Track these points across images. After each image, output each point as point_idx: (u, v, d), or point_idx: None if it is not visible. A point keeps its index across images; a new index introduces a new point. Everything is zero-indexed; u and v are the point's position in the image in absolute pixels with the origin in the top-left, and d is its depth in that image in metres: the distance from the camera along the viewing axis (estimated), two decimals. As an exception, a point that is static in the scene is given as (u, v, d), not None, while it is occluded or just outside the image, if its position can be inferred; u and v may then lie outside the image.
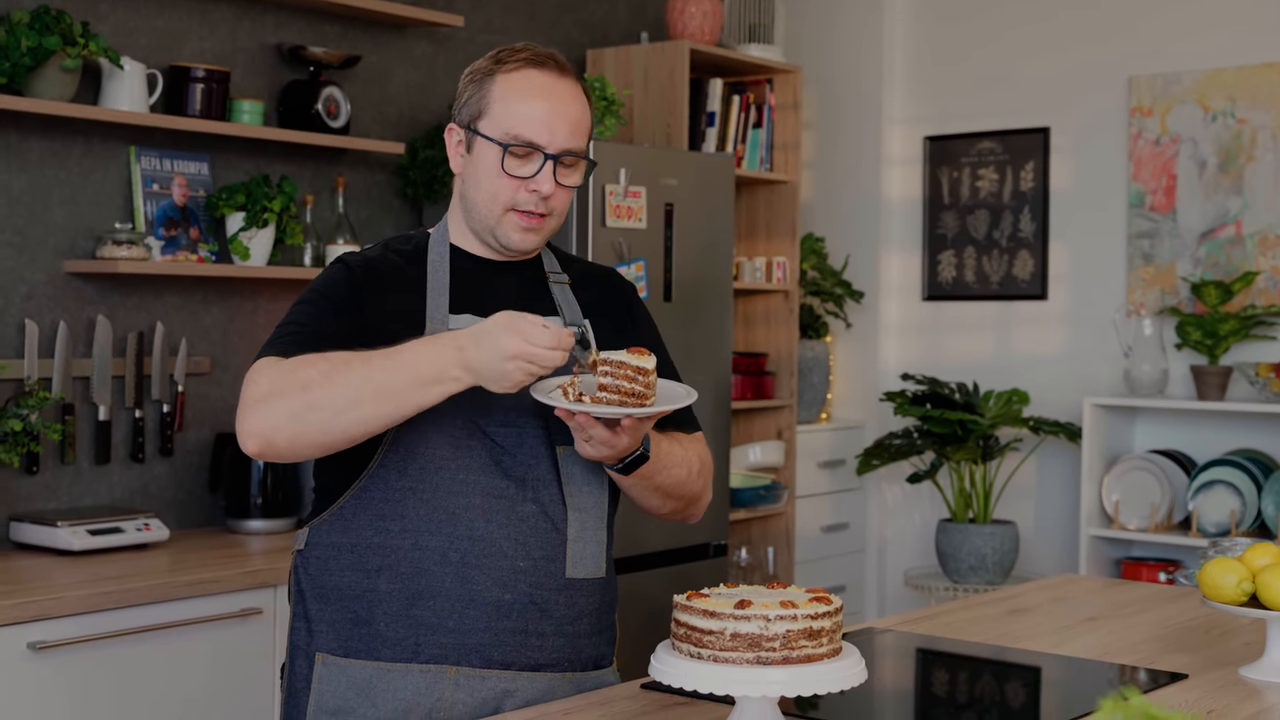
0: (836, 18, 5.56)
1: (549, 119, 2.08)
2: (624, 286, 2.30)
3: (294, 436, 1.92)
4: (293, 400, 1.91)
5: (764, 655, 1.72)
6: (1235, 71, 4.77)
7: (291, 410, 1.90)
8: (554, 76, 2.12)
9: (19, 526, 3.45)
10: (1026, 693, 2.33)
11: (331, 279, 2.11)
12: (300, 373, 1.92)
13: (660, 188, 4.31)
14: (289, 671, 2.13)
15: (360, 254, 2.16)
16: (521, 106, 2.08)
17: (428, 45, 4.49)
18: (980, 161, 5.32)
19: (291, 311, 2.08)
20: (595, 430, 1.96)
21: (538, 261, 2.22)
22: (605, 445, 1.97)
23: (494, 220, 2.11)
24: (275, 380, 1.93)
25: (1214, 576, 2.26)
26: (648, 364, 1.93)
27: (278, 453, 1.94)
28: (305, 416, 1.90)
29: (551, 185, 2.09)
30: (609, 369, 1.93)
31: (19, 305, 3.55)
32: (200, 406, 3.90)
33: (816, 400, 5.36)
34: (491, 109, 2.10)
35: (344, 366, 1.91)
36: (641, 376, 1.92)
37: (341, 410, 1.90)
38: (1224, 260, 4.80)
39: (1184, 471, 4.74)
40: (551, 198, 2.10)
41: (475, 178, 2.12)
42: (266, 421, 1.92)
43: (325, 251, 4.06)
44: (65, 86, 3.49)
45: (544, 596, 2.06)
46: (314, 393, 1.90)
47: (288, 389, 1.91)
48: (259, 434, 1.92)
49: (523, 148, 2.08)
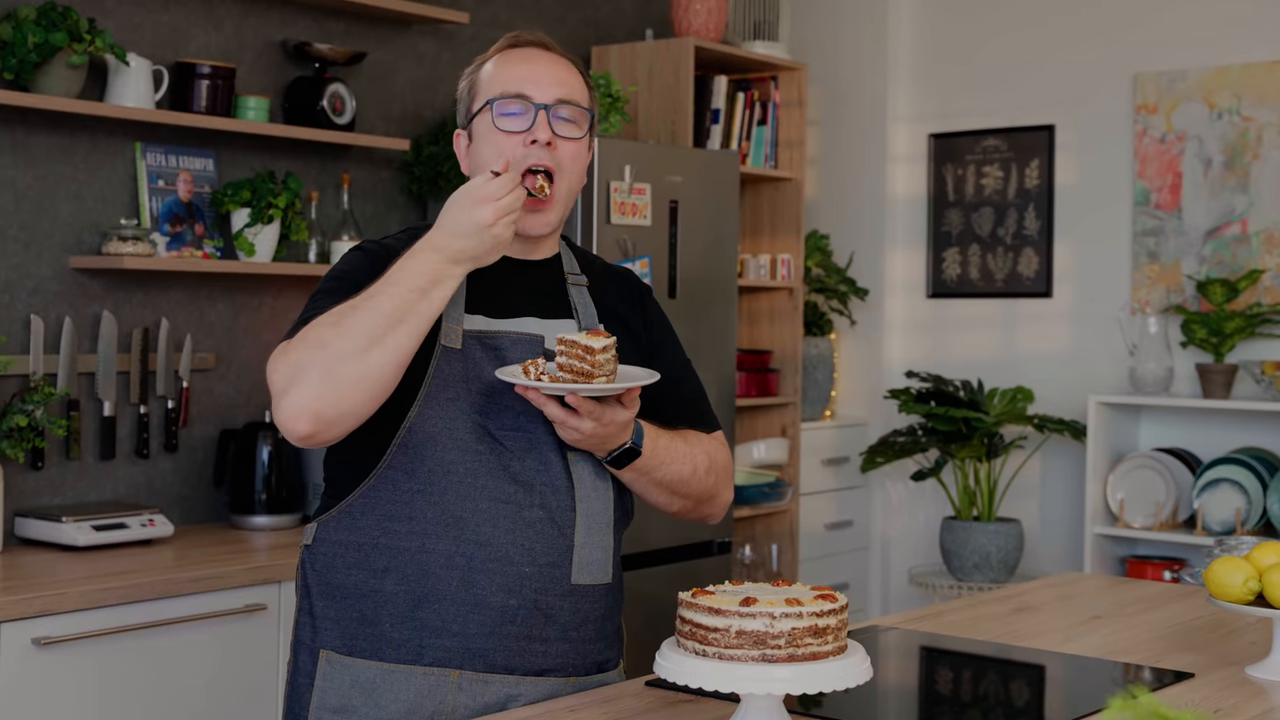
0: (841, 15, 5.55)
1: (534, 74, 2.10)
2: (640, 287, 2.29)
3: (337, 398, 1.88)
4: (318, 363, 1.88)
5: (769, 653, 1.71)
6: (1241, 69, 4.76)
7: (321, 372, 1.88)
8: (537, 49, 2.15)
9: (24, 522, 3.45)
10: (1031, 691, 2.33)
11: (350, 263, 2.10)
12: (311, 336, 1.91)
13: (665, 185, 4.31)
14: (292, 666, 2.13)
15: (379, 240, 2.16)
16: (506, 70, 2.11)
17: (433, 42, 4.49)
18: (985, 159, 5.31)
19: (311, 301, 2.06)
20: (549, 409, 1.97)
21: (556, 261, 2.20)
22: (567, 428, 1.98)
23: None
24: (290, 357, 1.91)
25: (1220, 575, 2.25)
26: (595, 344, 1.93)
27: (328, 421, 1.90)
28: (336, 371, 1.88)
29: (547, 132, 2.07)
30: (564, 348, 1.95)
31: (25, 301, 3.55)
32: (205, 402, 3.90)
33: (821, 398, 5.36)
34: (480, 89, 2.13)
35: (350, 311, 1.91)
36: (589, 355, 1.93)
37: (365, 349, 1.88)
38: (1229, 258, 4.79)
39: (1189, 470, 4.74)
40: (555, 149, 2.09)
41: (479, 156, 2.12)
42: (304, 396, 1.88)
43: (330, 248, 4.06)
44: (71, 83, 3.49)
45: (549, 602, 2.06)
46: (332, 346, 1.89)
47: (306, 357, 1.89)
48: (303, 412, 1.88)
49: (512, 100, 2.08)
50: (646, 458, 2.08)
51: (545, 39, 2.16)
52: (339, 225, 4.10)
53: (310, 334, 1.92)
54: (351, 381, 1.89)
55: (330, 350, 1.88)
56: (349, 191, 4.16)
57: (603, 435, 2.00)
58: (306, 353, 1.90)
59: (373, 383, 1.90)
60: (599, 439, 2.01)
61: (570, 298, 2.17)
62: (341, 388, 1.88)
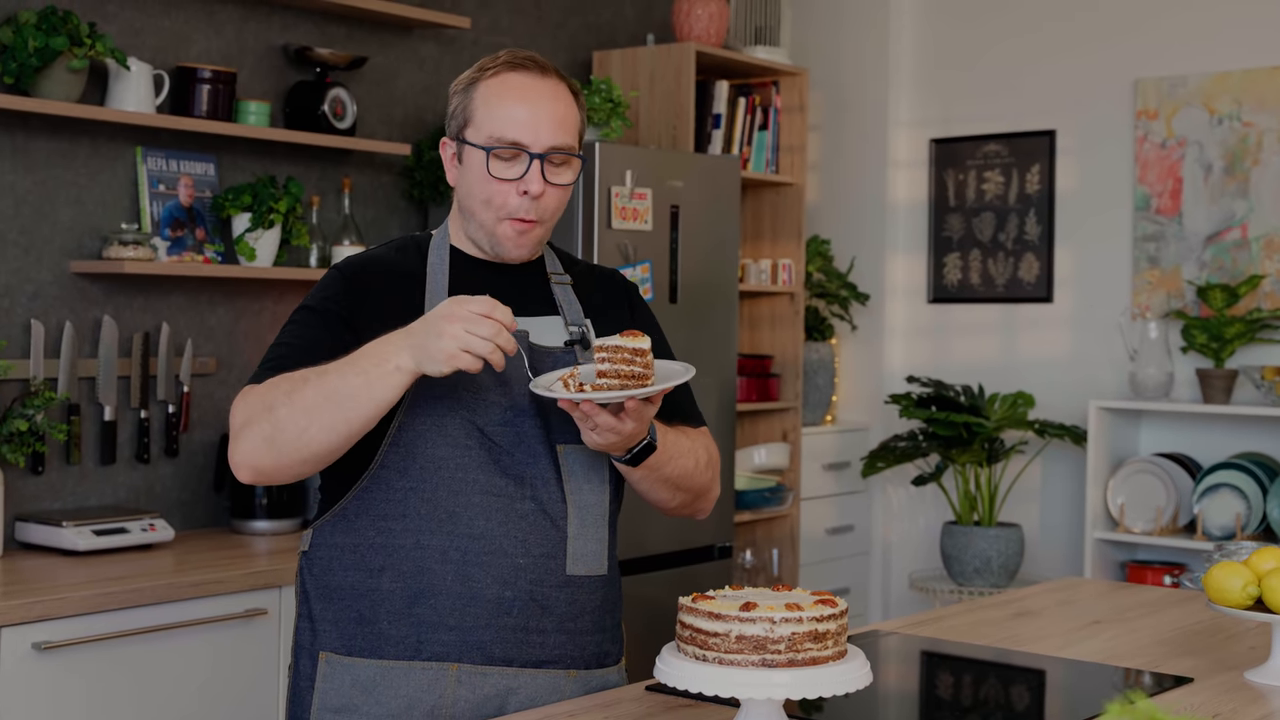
0: (843, 20, 5.56)
1: (531, 119, 2.09)
2: (626, 286, 2.31)
3: (275, 459, 1.96)
4: (263, 425, 1.95)
5: (769, 658, 1.72)
6: (1241, 74, 4.77)
7: (264, 435, 1.95)
8: (534, 77, 2.12)
9: (24, 526, 3.45)
10: (1031, 696, 2.33)
11: (322, 289, 2.12)
12: (267, 396, 1.97)
13: (666, 189, 4.31)
14: (294, 670, 2.14)
15: (361, 256, 2.18)
16: (502, 109, 2.09)
17: (434, 47, 4.49)
18: (986, 164, 5.32)
19: (281, 332, 2.11)
20: (600, 418, 1.95)
21: (539, 262, 2.22)
22: (612, 432, 1.97)
23: (489, 229, 2.13)
24: (247, 409, 1.98)
25: (1220, 580, 2.25)
26: (643, 344, 1.93)
27: (268, 477, 1.99)
28: (276, 438, 1.94)
29: (540, 184, 2.08)
30: (605, 354, 1.93)
31: (25, 305, 3.55)
32: (206, 407, 3.90)
33: (821, 402, 5.36)
34: (475, 116, 2.12)
35: (302, 383, 1.94)
36: (639, 358, 1.93)
37: (305, 425, 1.93)
38: (1230, 263, 4.79)
39: (1189, 475, 4.74)
40: (543, 198, 2.10)
41: (468, 186, 2.14)
42: (247, 450, 1.97)
43: (331, 252, 4.06)
44: (72, 87, 3.49)
45: (544, 593, 2.07)
46: (278, 412, 1.94)
47: (257, 415, 1.96)
48: (244, 464, 1.98)
49: (507, 149, 2.08)
50: (659, 453, 2.09)
51: (542, 60, 2.15)
52: (340, 230, 4.10)
53: (265, 395, 1.97)
54: (290, 449, 1.95)
55: (275, 418, 1.94)
56: (350, 196, 4.16)
57: (633, 434, 2.00)
58: (257, 412, 1.97)
59: (311, 453, 1.96)
60: (627, 439, 2.01)
61: (554, 296, 2.19)
62: (282, 453, 1.96)
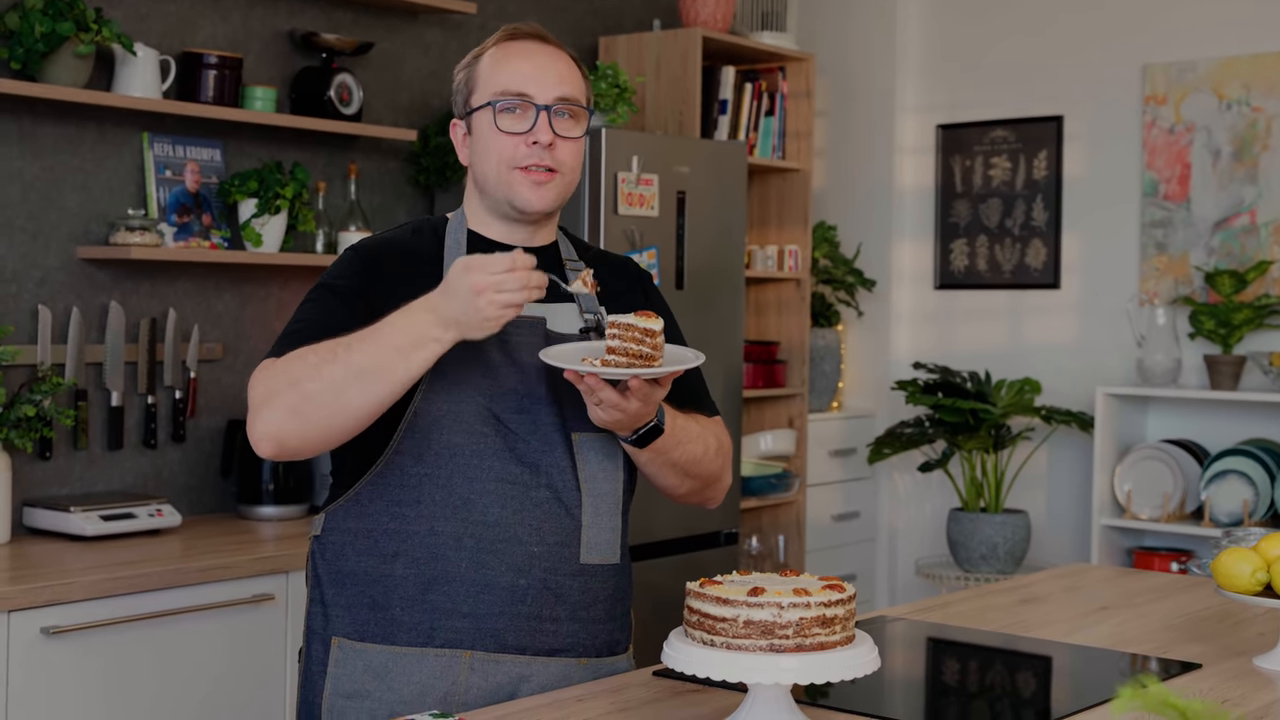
0: (849, 6, 5.54)
1: (535, 72, 2.10)
2: (640, 274, 2.31)
3: (300, 432, 1.94)
4: (288, 396, 1.93)
5: (777, 643, 1.71)
6: (1250, 60, 4.75)
7: (289, 406, 1.93)
8: (535, 43, 2.15)
9: (32, 512, 3.46)
10: (1037, 682, 2.33)
11: (340, 268, 2.11)
12: (292, 368, 1.94)
13: (672, 175, 4.31)
14: (305, 655, 2.14)
15: (377, 238, 2.17)
16: (506, 67, 2.12)
17: (440, 32, 4.48)
18: (993, 150, 5.30)
19: (298, 310, 2.09)
20: (604, 393, 1.95)
21: (554, 248, 2.21)
22: (616, 409, 1.97)
23: (505, 185, 2.11)
24: (270, 381, 1.96)
25: (1228, 566, 2.25)
26: (655, 325, 1.94)
27: (291, 450, 1.97)
28: (303, 409, 1.93)
29: (549, 134, 2.09)
30: (617, 331, 1.94)
31: (32, 291, 3.55)
32: (213, 392, 3.90)
33: (828, 389, 5.36)
34: (479, 84, 2.13)
35: (330, 355, 1.93)
36: (649, 338, 1.93)
37: (334, 398, 1.92)
38: (1238, 249, 4.78)
39: (1196, 461, 4.73)
40: (555, 149, 2.10)
41: (480, 153, 2.13)
42: (271, 423, 1.94)
43: (338, 238, 4.06)
44: (78, 73, 3.49)
45: (558, 582, 2.07)
46: (305, 385, 1.92)
47: (282, 387, 1.94)
48: (267, 436, 1.95)
49: (513, 99, 2.09)
50: (666, 436, 2.09)
51: (542, 30, 2.17)
52: (346, 216, 4.10)
53: (290, 368, 1.95)
54: (317, 421, 1.94)
55: (302, 390, 1.92)
56: (356, 182, 4.16)
57: (638, 414, 2.00)
58: (281, 384, 1.94)
59: (338, 425, 1.95)
60: (632, 418, 2.00)
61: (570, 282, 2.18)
62: (308, 425, 1.94)
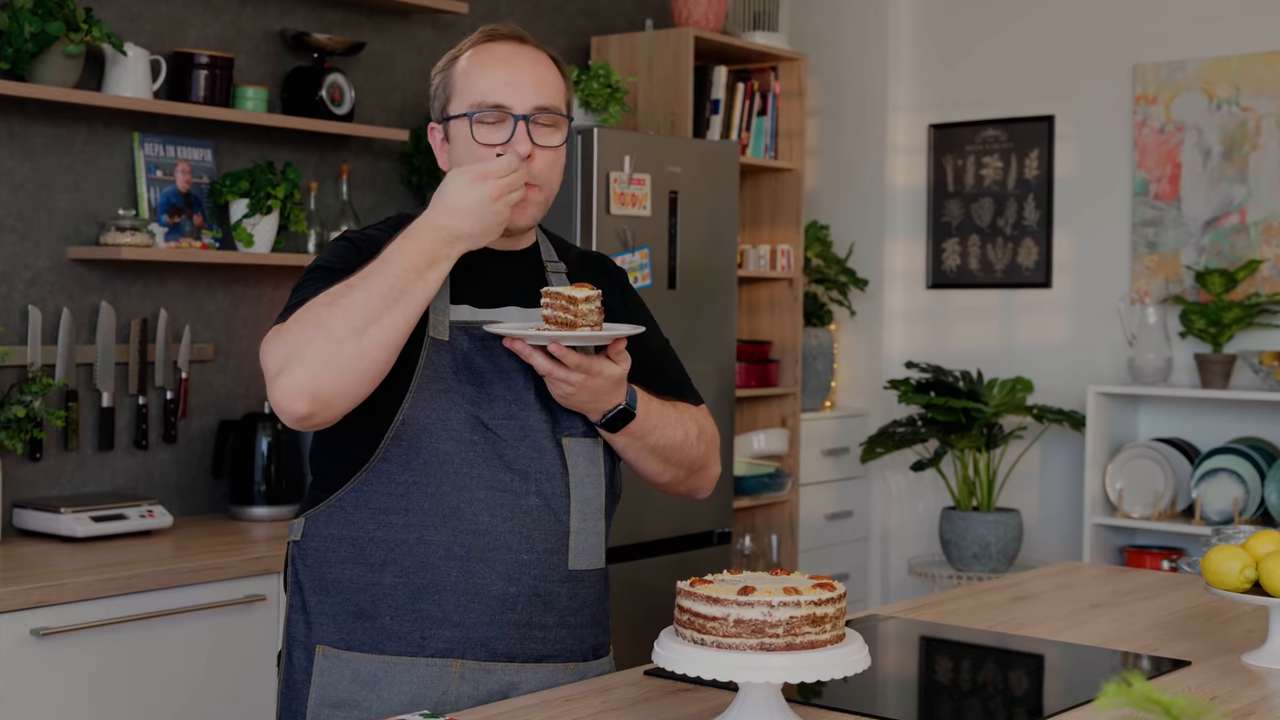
0: (841, 5, 5.55)
1: (511, 80, 2.07)
2: (617, 273, 2.32)
3: (335, 378, 1.87)
4: (315, 342, 1.87)
5: (767, 641, 1.72)
6: (1240, 59, 4.76)
7: (317, 351, 1.86)
8: (512, 45, 2.12)
9: (22, 513, 3.45)
10: (1029, 679, 2.33)
11: (335, 253, 2.09)
12: (307, 316, 1.90)
13: (665, 175, 4.31)
14: (286, 663, 2.11)
15: (365, 231, 2.15)
16: (482, 76, 2.08)
17: (432, 32, 4.48)
18: (985, 149, 5.31)
19: (295, 291, 2.05)
20: (535, 360, 1.98)
21: (535, 250, 2.21)
22: (560, 381, 1.98)
23: None
24: (287, 338, 1.90)
25: (1217, 563, 2.25)
26: (579, 294, 1.96)
27: (325, 402, 1.88)
28: (333, 350, 1.86)
29: (528, 145, 2.06)
30: (548, 300, 1.98)
31: (22, 292, 3.55)
32: (204, 393, 3.90)
33: (821, 388, 5.36)
34: (456, 90, 2.10)
35: (345, 291, 1.90)
36: (572, 305, 1.96)
37: (361, 329, 1.87)
38: (1228, 248, 4.79)
39: (1187, 459, 4.74)
40: (533, 160, 2.07)
41: (457, 160, 2.11)
42: (301, 376, 1.86)
43: (329, 238, 4.06)
44: (69, 72, 3.49)
45: (547, 589, 2.06)
46: (328, 325, 1.87)
47: (303, 337, 1.88)
48: (299, 391, 1.86)
49: (490, 112, 2.07)
50: (640, 420, 2.08)
51: (520, 31, 2.14)
52: (338, 216, 4.10)
53: (306, 314, 1.90)
54: (349, 361, 1.87)
55: (326, 329, 1.87)
56: (348, 182, 4.15)
57: (593, 390, 2.00)
58: (303, 332, 1.88)
59: (370, 362, 1.89)
60: (590, 394, 2.01)
61: (550, 284, 2.18)
62: (339, 367, 1.87)
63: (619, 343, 2.01)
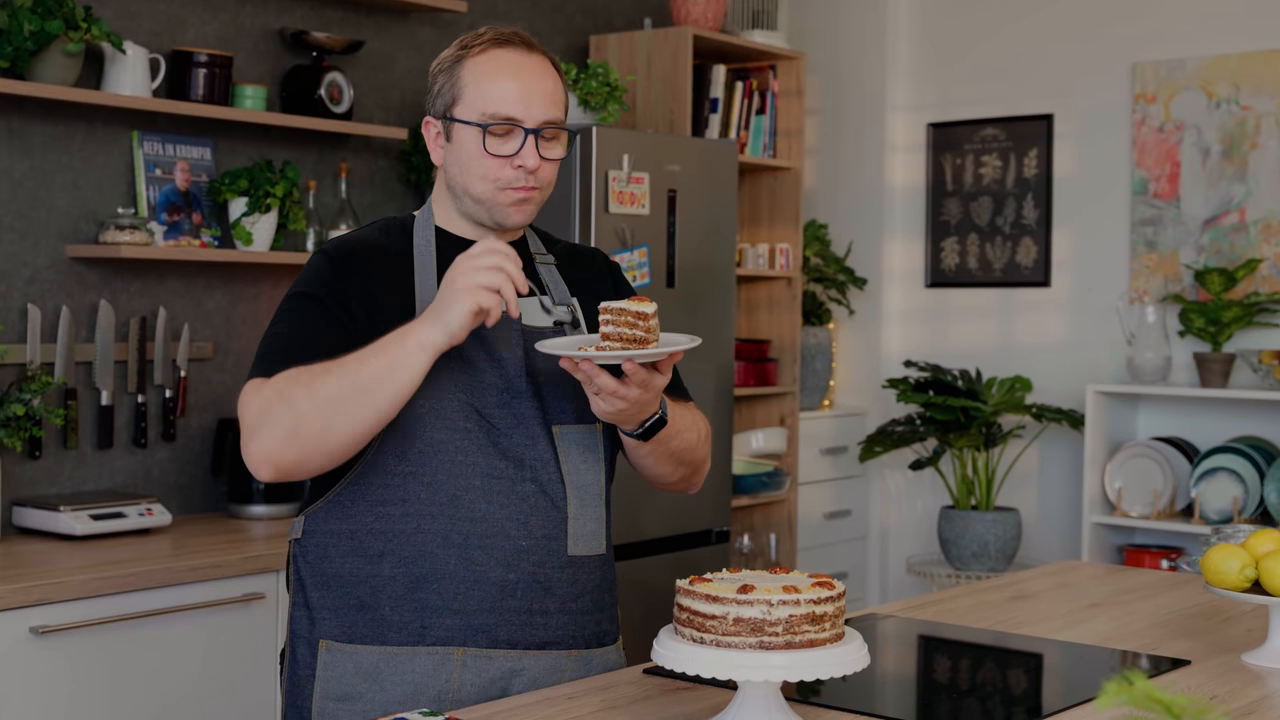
0: (840, 4, 5.55)
1: (523, 94, 2.09)
2: (609, 265, 2.33)
3: (298, 454, 1.94)
4: (284, 420, 1.92)
5: (766, 640, 1.71)
6: (1239, 58, 4.76)
7: (285, 429, 1.92)
8: (522, 53, 2.12)
9: (21, 511, 3.45)
10: (1028, 679, 2.33)
11: (311, 275, 2.10)
12: (283, 390, 1.94)
13: (663, 174, 4.31)
14: (290, 660, 2.12)
15: (345, 237, 2.16)
16: (494, 86, 2.09)
17: (431, 30, 4.48)
18: (984, 148, 5.31)
19: (275, 322, 2.08)
20: (601, 380, 1.95)
21: (522, 243, 2.22)
22: (616, 397, 1.96)
23: (490, 204, 2.11)
24: (261, 404, 1.95)
25: (1217, 562, 2.25)
26: (647, 309, 1.93)
27: (289, 473, 1.96)
28: (300, 432, 1.92)
29: (536, 159, 2.09)
30: (610, 317, 1.93)
31: (21, 290, 3.55)
32: (203, 391, 3.90)
33: (819, 387, 5.36)
34: (465, 93, 2.11)
35: (323, 373, 1.93)
36: (642, 321, 1.92)
37: (331, 416, 1.92)
38: (1227, 247, 4.79)
39: (1186, 459, 4.74)
40: (538, 171, 2.10)
41: (460, 164, 2.12)
42: (267, 447, 1.93)
43: (328, 237, 4.05)
44: (68, 71, 3.48)
45: (547, 575, 2.07)
46: (299, 406, 1.92)
47: (274, 410, 1.93)
48: (265, 460, 1.95)
49: (502, 125, 2.08)
50: (669, 427, 2.10)
51: (527, 36, 2.16)
52: (336, 214, 4.10)
53: (282, 389, 1.94)
54: (315, 443, 1.94)
55: (297, 413, 1.92)
56: (347, 181, 4.15)
57: (643, 404, 2.00)
58: (276, 407, 1.93)
59: (335, 445, 1.95)
60: (638, 408, 2.01)
61: (539, 275, 2.19)
62: (306, 448, 1.94)
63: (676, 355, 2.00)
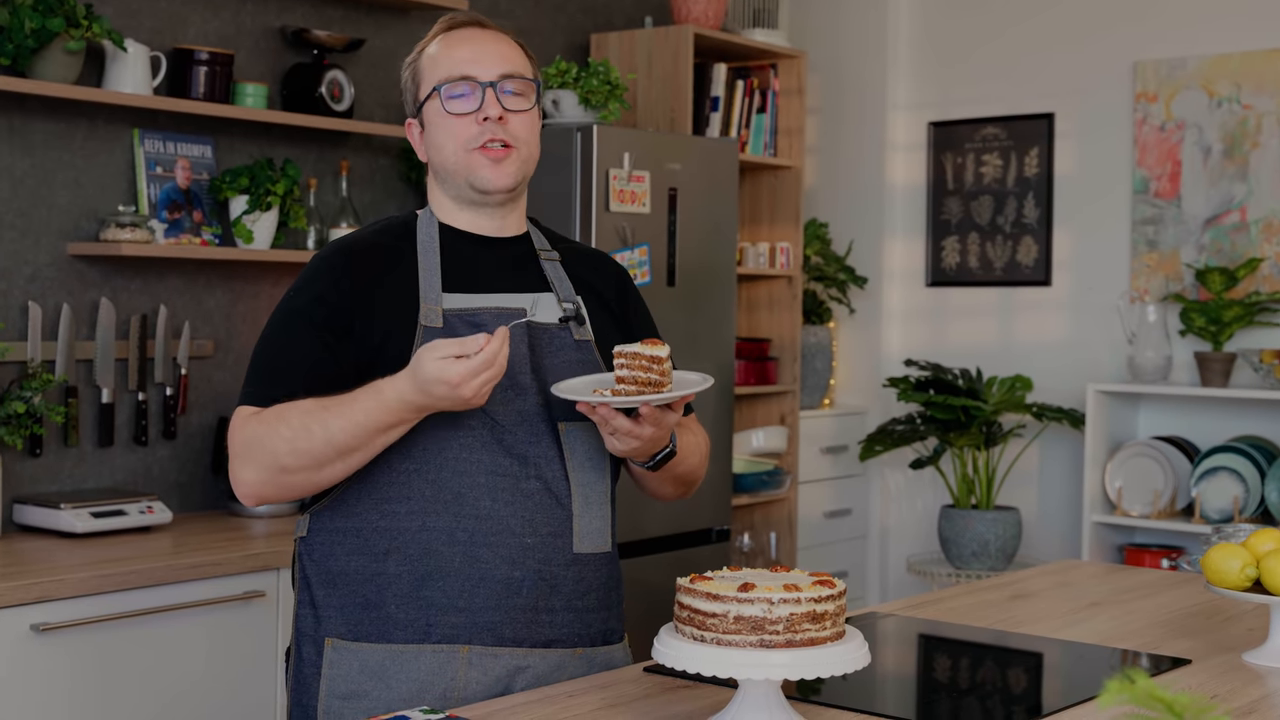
0: (841, 3, 5.54)
1: (476, 55, 2.12)
2: (617, 267, 2.32)
3: (279, 491, 2.03)
4: (266, 462, 1.99)
5: (767, 638, 1.71)
6: (1240, 57, 4.76)
7: (269, 470, 2.00)
8: (474, 29, 2.17)
9: (22, 509, 3.45)
10: (1028, 678, 2.33)
11: (306, 284, 2.10)
12: (268, 439, 1.98)
13: (664, 172, 4.31)
14: (296, 658, 2.12)
15: (345, 239, 2.16)
16: (448, 56, 2.13)
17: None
18: (985, 147, 5.31)
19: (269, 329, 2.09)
20: (618, 422, 1.97)
21: (526, 238, 2.22)
22: (631, 437, 1.99)
23: (464, 168, 2.11)
24: (248, 441, 2.00)
25: (1218, 562, 2.25)
26: (661, 353, 1.96)
27: (272, 501, 2.05)
28: (282, 479, 2.00)
29: (497, 108, 2.09)
30: (624, 360, 1.96)
31: (22, 288, 3.55)
32: (203, 389, 3.90)
33: (819, 386, 5.36)
34: (424, 77, 2.15)
35: (305, 433, 1.96)
36: (656, 365, 1.96)
37: (313, 469, 1.99)
38: (1228, 246, 4.79)
39: (1187, 458, 4.74)
40: (507, 123, 2.10)
41: (435, 144, 2.14)
42: (251, 481, 2.01)
43: (328, 235, 4.05)
44: (69, 68, 3.48)
45: (552, 572, 2.07)
46: (282, 455, 1.98)
47: (259, 451, 1.99)
48: (249, 493, 2.03)
49: (458, 83, 2.10)
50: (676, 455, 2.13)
51: (481, 17, 2.19)
52: (337, 212, 4.10)
53: (266, 436, 1.98)
54: (298, 486, 2.02)
55: (277, 458, 1.98)
56: (347, 179, 4.15)
57: (656, 440, 2.03)
58: (260, 444, 1.99)
59: (313, 488, 2.04)
60: (651, 444, 2.03)
61: (544, 272, 2.19)
62: (289, 487, 2.02)
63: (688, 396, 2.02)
